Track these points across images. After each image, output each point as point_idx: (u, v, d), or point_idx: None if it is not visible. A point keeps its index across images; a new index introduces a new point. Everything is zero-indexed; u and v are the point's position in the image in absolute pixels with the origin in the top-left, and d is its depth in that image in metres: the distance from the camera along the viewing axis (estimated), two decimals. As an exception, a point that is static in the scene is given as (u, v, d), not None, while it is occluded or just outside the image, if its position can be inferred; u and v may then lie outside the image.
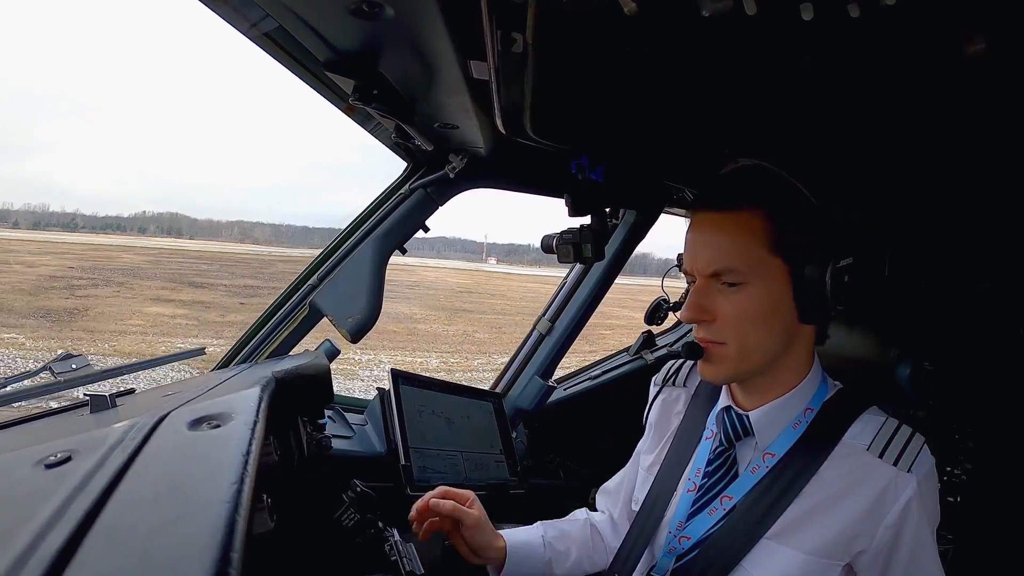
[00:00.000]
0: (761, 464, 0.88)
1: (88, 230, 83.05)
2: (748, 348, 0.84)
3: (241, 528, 0.29)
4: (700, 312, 0.85)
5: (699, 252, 0.86)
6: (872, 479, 0.80)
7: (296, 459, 0.76)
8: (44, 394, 1.12)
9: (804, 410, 0.88)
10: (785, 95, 0.87)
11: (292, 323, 1.55)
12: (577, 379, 2.16)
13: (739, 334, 0.84)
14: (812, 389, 0.89)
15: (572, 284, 1.98)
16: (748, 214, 0.82)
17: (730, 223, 0.83)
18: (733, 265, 0.82)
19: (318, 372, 0.79)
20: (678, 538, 0.91)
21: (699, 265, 0.85)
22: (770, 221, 0.82)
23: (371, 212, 1.58)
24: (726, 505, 0.88)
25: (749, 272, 0.82)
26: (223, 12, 0.88)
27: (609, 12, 0.58)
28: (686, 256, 0.89)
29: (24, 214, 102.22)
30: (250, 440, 0.39)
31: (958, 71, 0.71)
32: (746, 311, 0.83)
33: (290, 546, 0.80)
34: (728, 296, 0.83)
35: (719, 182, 0.89)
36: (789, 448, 0.87)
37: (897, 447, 0.81)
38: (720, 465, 0.92)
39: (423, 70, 0.93)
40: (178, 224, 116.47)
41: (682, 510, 0.93)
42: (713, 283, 0.84)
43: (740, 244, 0.82)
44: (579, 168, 1.26)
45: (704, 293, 0.85)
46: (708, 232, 0.85)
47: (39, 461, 0.38)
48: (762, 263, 0.82)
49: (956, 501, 1.07)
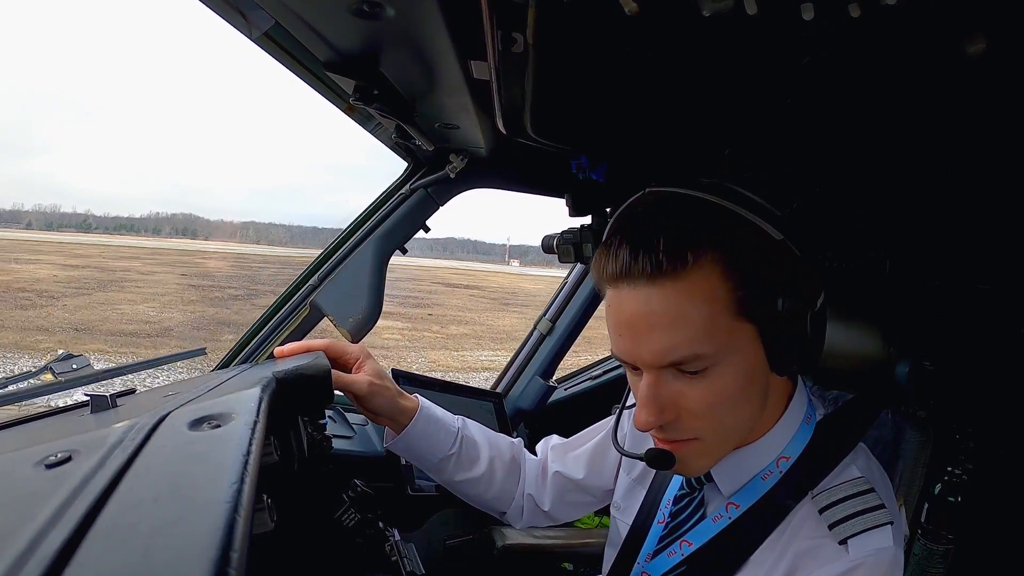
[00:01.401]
0: (724, 514, 0.75)
1: (101, 231, 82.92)
2: (726, 433, 0.69)
3: (242, 528, 0.29)
4: (662, 413, 0.66)
5: (642, 339, 0.64)
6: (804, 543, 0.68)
7: (296, 459, 0.76)
8: (45, 394, 1.13)
9: (777, 459, 0.74)
10: (786, 95, 0.87)
11: (293, 323, 1.55)
12: (578, 379, 2.17)
13: (713, 423, 0.67)
14: (789, 432, 0.74)
15: (573, 284, 1.99)
16: (703, 273, 0.62)
17: (682, 292, 0.62)
18: (698, 350, 0.62)
19: (319, 372, 0.79)
20: (643, 572, 0.84)
21: (644, 357, 0.65)
22: (727, 276, 0.62)
23: (372, 212, 1.58)
24: (684, 550, 0.78)
25: (718, 352, 0.63)
26: (223, 11, 0.88)
27: (610, 12, 0.58)
28: (618, 343, 0.67)
29: (35, 215, 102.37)
30: (250, 440, 0.39)
31: (960, 71, 0.71)
32: (719, 396, 0.65)
33: (290, 546, 0.80)
34: (693, 384, 0.65)
35: (655, 235, 0.63)
36: (754, 503, 0.73)
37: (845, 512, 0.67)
38: (685, 507, 0.82)
39: (423, 70, 0.93)
40: (192, 225, 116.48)
41: (651, 543, 0.85)
42: (667, 372, 0.65)
43: (701, 319, 0.62)
44: (579, 168, 1.26)
45: (660, 387, 0.66)
46: (652, 310, 0.62)
47: (39, 461, 0.38)
48: (730, 334, 0.63)
49: (957, 501, 1.06)
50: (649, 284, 0.62)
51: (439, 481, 1.06)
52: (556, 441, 1.12)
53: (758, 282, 0.63)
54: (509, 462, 1.07)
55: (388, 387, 0.96)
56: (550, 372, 1.97)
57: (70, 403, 0.87)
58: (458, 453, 1.02)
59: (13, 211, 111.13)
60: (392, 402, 0.96)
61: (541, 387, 1.91)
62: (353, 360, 0.95)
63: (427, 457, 1.01)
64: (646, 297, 0.63)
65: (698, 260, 0.62)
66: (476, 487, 1.04)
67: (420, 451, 1.00)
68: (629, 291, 0.64)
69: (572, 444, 1.10)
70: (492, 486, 1.05)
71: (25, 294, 13.92)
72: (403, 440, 0.98)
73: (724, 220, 0.64)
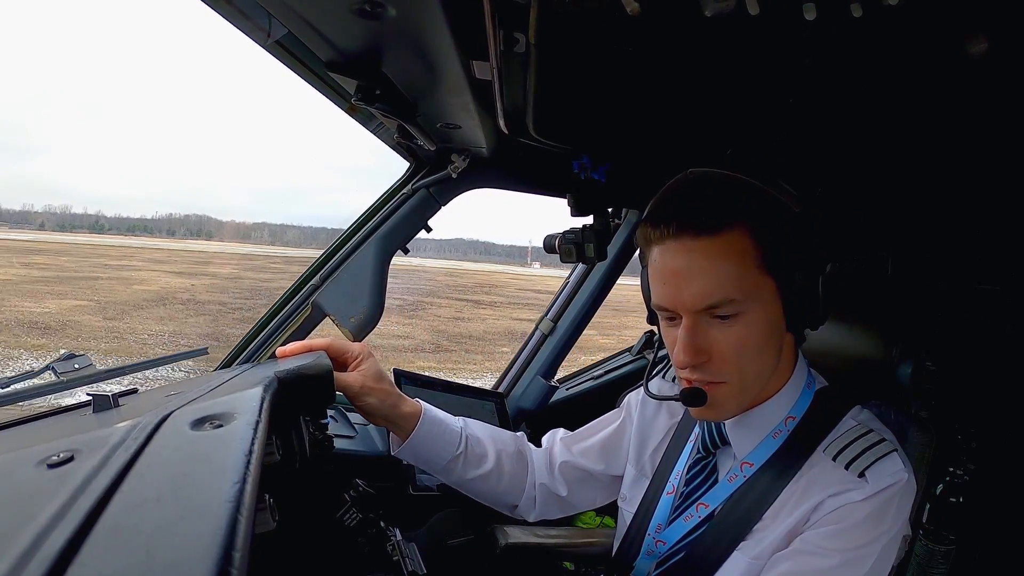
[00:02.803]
0: (739, 473, 0.84)
1: (115, 232, 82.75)
2: (749, 381, 0.79)
3: (244, 528, 0.29)
4: (699, 354, 0.76)
5: (684, 285, 0.76)
6: (828, 486, 0.76)
7: (298, 459, 0.76)
8: (47, 394, 1.13)
9: (785, 419, 0.83)
10: (788, 95, 0.87)
11: (295, 323, 1.55)
12: (579, 379, 2.16)
13: (739, 369, 0.77)
14: (794, 394, 0.84)
15: (575, 284, 1.99)
16: (736, 234, 0.74)
17: (719, 248, 0.74)
18: (731, 295, 0.74)
19: (320, 372, 0.79)
20: (655, 541, 0.89)
21: (686, 301, 0.76)
22: (755, 237, 0.75)
23: (374, 212, 1.59)
24: (702, 512, 0.85)
25: (747, 300, 0.75)
26: (224, 11, 0.88)
27: (611, 12, 0.58)
28: (663, 291, 0.79)
29: (47, 215, 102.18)
30: (252, 440, 0.39)
31: (961, 70, 0.70)
32: (746, 342, 0.76)
33: (292, 546, 0.80)
34: (724, 330, 0.76)
35: (697, 202, 0.77)
36: (767, 459, 0.83)
37: (854, 452, 0.77)
38: (699, 472, 0.89)
39: (425, 70, 0.93)
40: (207, 226, 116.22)
41: (662, 513, 0.91)
42: (703, 317, 0.76)
43: (734, 270, 0.74)
44: (581, 168, 1.26)
45: (697, 331, 0.76)
46: (694, 261, 0.75)
47: (41, 461, 0.38)
48: (757, 286, 0.75)
49: (959, 501, 1.06)
50: (693, 241, 0.75)
51: (450, 483, 1.06)
52: (563, 433, 1.14)
53: (779, 245, 0.75)
54: (515, 454, 1.09)
55: (385, 389, 0.96)
56: (552, 372, 1.97)
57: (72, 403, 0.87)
58: (465, 453, 1.03)
59: (23, 212, 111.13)
60: (390, 406, 0.97)
61: (543, 387, 1.91)
62: (352, 359, 0.96)
63: (435, 461, 1.02)
64: (690, 251, 0.75)
65: (732, 224, 0.74)
66: (487, 483, 1.05)
67: (428, 455, 1.01)
68: (676, 246, 0.76)
69: (582, 435, 1.12)
70: (502, 480, 1.06)
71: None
72: (410, 446, 0.99)
73: (753, 194, 0.77)
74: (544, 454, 1.12)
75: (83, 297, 14.26)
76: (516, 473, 1.08)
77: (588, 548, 1.58)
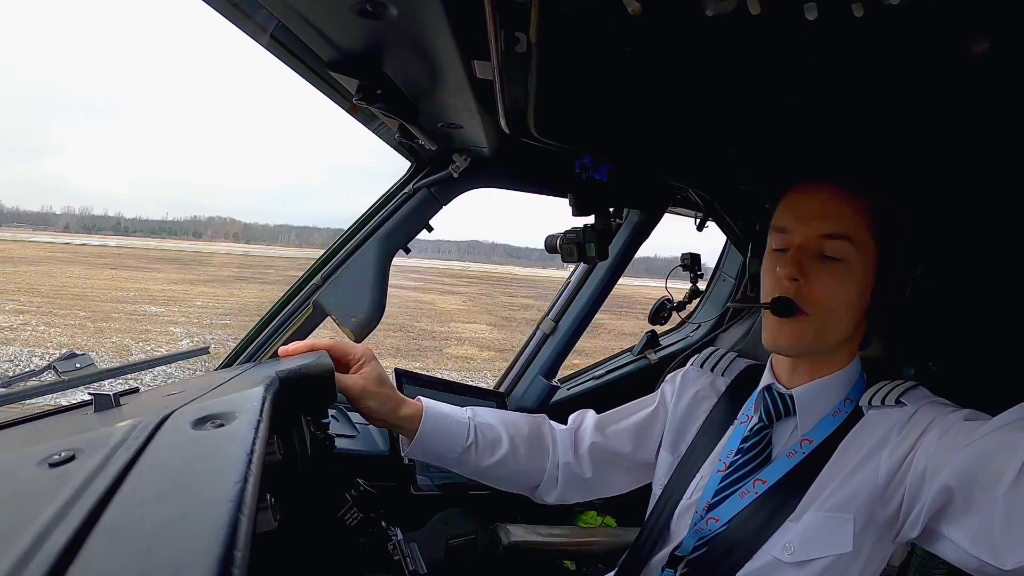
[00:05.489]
0: (798, 450, 0.88)
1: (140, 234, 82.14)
2: (827, 326, 0.85)
3: (245, 527, 0.29)
4: (800, 270, 0.84)
5: (812, 210, 0.86)
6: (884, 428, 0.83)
7: (299, 458, 0.76)
8: (48, 392, 1.13)
9: (844, 399, 0.89)
10: (789, 95, 0.87)
11: (296, 322, 1.55)
12: (581, 379, 2.16)
13: (825, 309, 0.84)
14: (853, 376, 0.91)
15: (576, 284, 1.98)
16: (864, 198, 0.85)
17: (848, 198, 0.85)
18: (846, 232, 0.83)
19: (322, 372, 0.79)
20: (706, 519, 0.89)
21: (810, 222, 0.85)
22: (877, 212, 0.84)
23: (375, 212, 1.58)
24: (759, 488, 0.88)
25: (853, 248, 0.83)
26: (225, 11, 0.88)
27: (612, 11, 0.58)
28: (790, 214, 0.88)
29: (67, 217, 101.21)
30: (254, 439, 0.40)
31: (963, 70, 0.70)
32: (838, 288, 0.84)
33: (293, 545, 0.80)
34: (824, 269, 0.84)
35: (845, 161, 0.93)
36: (825, 438, 0.87)
37: (896, 394, 0.85)
38: (756, 443, 0.91)
39: (427, 70, 0.93)
40: (234, 228, 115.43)
41: (710, 491, 0.92)
42: (814, 248, 0.84)
43: (855, 219, 0.84)
44: (583, 168, 1.26)
45: (803, 255, 0.85)
46: (827, 198, 0.86)
47: (43, 460, 0.38)
48: (865, 245, 0.84)
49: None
50: (835, 185, 0.86)
51: (468, 474, 1.06)
52: (593, 414, 1.14)
53: (891, 225, 0.85)
54: (529, 436, 1.08)
55: (386, 394, 0.96)
56: (553, 372, 1.97)
57: (73, 402, 0.87)
58: (476, 442, 1.02)
59: (43, 213, 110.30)
60: (390, 409, 0.96)
61: (544, 387, 1.91)
62: (355, 361, 0.95)
63: (447, 455, 1.01)
64: (830, 189, 0.86)
65: (867, 189, 0.85)
66: (504, 468, 1.05)
67: (438, 451, 1.01)
68: (820, 184, 0.87)
69: (613, 417, 1.13)
70: (519, 462, 1.05)
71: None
72: (418, 444, 0.99)
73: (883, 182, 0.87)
74: (569, 433, 1.12)
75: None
76: (533, 454, 1.07)
77: (589, 548, 1.58)
